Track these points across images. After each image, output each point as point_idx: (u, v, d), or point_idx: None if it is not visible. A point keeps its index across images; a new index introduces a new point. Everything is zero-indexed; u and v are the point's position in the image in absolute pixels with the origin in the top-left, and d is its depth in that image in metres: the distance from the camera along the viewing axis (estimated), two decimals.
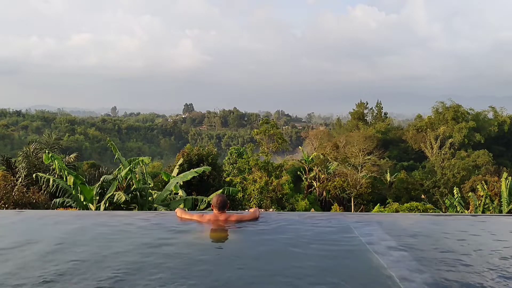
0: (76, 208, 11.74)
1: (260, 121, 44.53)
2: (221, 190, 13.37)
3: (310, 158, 38.71)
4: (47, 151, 12.25)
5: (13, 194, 13.76)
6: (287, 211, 25.45)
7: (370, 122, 59.44)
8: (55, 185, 11.95)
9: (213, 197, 4.56)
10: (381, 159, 39.20)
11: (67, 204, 11.92)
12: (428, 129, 47.21)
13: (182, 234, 4.08)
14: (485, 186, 20.95)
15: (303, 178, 38.82)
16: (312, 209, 28.52)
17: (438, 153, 42.70)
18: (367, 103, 60.89)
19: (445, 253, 3.56)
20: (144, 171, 13.38)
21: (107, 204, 11.67)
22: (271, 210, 23.06)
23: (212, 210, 4.48)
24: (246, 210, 4.78)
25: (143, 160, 12.17)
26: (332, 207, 30.69)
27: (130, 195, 12.29)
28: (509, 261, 3.35)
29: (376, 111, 60.93)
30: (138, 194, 12.33)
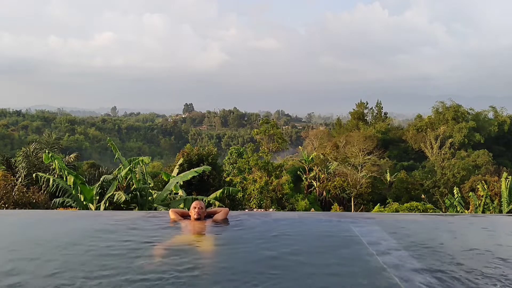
0: (76, 208, 11.75)
1: (260, 121, 44.47)
2: (221, 190, 13.35)
3: (310, 158, 38.72)
4: (47, 151, 12.25)
5: (13, 194, 13.75)
6: (287, 211, 25.46)
7: (370, 122, 59.40)
8: (55, 185, 11.96)
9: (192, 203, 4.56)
10: (381, 159, 39.17)
11: (67, 204, 11.93)
12: (428, 129, 47.19)
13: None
14: (485, 186, 20.97)
15: (303, 178, 38.85)
16: (312, 209, 28.53)
17: (438, 153, 42.67)
18: (367, 103, 60.84)
19: (445, 253, 3.56)
20: (144, 171, 13.38)
21: (107, 204, 11.68)
22: (271, 210, 23.05)
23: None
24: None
25: (143, 160, 12.16)
26: (332, 207, 30.71)
27: (130, 195, 12.30)
28: (509, 260, 3.35)
29: (376, 111, 60.90)
30: (138, 194, 12.33)
